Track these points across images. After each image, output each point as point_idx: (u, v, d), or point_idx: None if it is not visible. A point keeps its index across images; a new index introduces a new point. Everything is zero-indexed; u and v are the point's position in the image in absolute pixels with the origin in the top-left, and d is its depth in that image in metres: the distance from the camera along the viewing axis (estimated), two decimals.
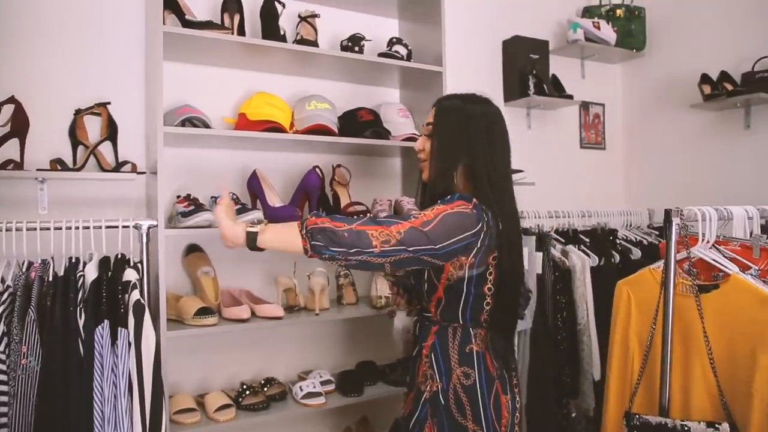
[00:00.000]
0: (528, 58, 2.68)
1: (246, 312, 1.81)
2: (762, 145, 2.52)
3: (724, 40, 2.65)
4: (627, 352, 1.58)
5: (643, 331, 1.55)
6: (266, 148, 2.12)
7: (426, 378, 1.34)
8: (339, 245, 1.17)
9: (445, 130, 1.36)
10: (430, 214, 1.22)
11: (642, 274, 1.57)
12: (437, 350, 1.33)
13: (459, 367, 1.30)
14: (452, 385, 1.29)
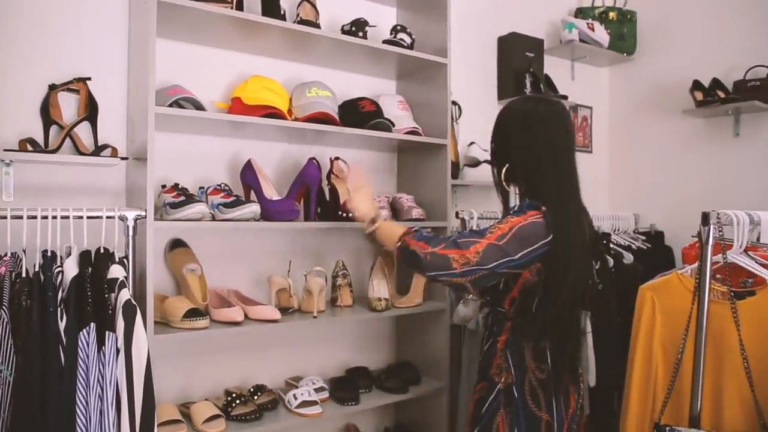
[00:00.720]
0: (524, 55, 2.62)
1: (239, 314, 1.65)
2: (751, 153, 2.55)
3: (715, 48, 2.67)
4: (650, 360, 1.52)
5: (668, 339, 1.50)
6: (259, 136, 1.96)
7: (500, 370, 1.37)
8: (421, 267, 1.32)
9: (493, 134, 1.45)
10: (505, 227, 1.27)
11: (668, 279, 1.51)
12: (512, 346, 1.36)
13: (534, 362, 1.34)
14: (528, 379, 1.34)
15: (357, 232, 2.24)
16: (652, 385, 1.51)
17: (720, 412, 1.38)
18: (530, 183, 1.36)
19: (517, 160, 1.37)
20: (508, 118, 1.41)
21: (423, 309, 2.04)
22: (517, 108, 1.40)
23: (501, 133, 1.42)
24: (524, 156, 1.35)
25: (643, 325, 1.53)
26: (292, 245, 2.07)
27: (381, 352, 2.32)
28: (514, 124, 1.38)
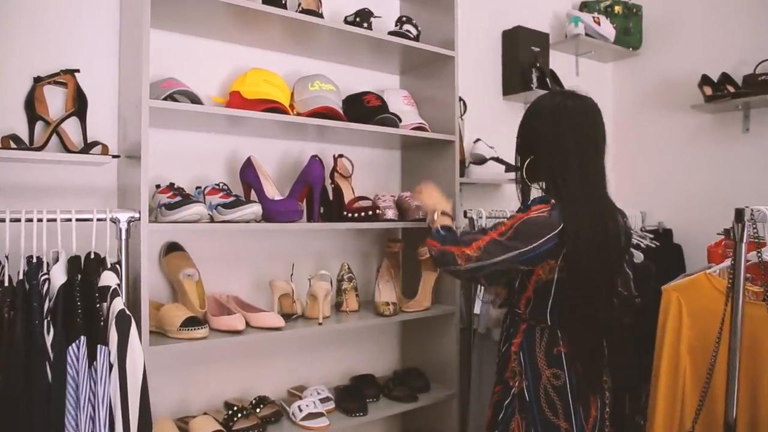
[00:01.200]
0: (529, 50, 2.54)
1: (241, 322, 1.55)
2: (761, 149, 2.48)
3: (722, 43, 2.61)
4: (677, 365, 1.44)
5: (697, 342, 1.42)
6: (258, 133, 1.86)
7: (514, 374, 1.36)
8: (433, 263, 1.50)
9: (520, 128, 1.43)
10: (508, 223, 1.29)
11: (695, 279, 1.43)
12: (524, 350, 1.34)
13: (548, 368, 1.32)
14: (542, 386, 1.32)
15: (362, 233, 2.15)
16: (680, 390, 1.43)
17: (757, 419, 1.30)
18: (554, 178, 1.33)
19: (543, 154, 1.34)
20: (535, 112, 1.39)
21: (432, 313, 1.95)
22: (545, 102, 1.39)
23: (528, 126, 1.41)
24: (551, 151, 1.33)
25: (669, 327, 1.45)
26: (295, 247, 1.97)
27: (386, 358, 2.22)
28: (541, 118, 1.36)
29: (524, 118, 1.42)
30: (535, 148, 1.35)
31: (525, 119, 1.42)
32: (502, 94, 2.60)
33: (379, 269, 2.01)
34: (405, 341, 2.23)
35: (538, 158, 1.35)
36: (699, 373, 1.41)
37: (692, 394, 1.41)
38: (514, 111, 2.66)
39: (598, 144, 1.35)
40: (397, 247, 2.03)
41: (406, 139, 2.04)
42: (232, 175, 1.82)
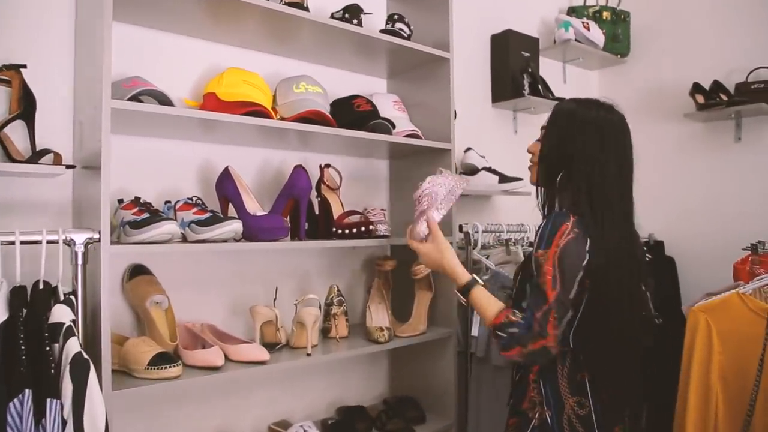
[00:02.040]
0: (520, 55, 2.42)
1: (219, 357, 1.35)
2: (753, 158, 2.43)
3: (712, 50, 2.55)
4: (708, 394, 1.31)
5: (730, 369, 1.29)
6: (235, 140, 1.66)
7: (534, 404, 1.24)
8: (525, 361, 1.20)
9: (553, 133, 1.29)
10: (549, 268, 1.15)
11: (727, 299, 1.31)
12: (545, 376, 1.23)
13: (571, 396, 1.21)
14: (566, 416, 1.21)
15: (350, 251, 1.97)
16: (712, 418, 1.30)
17: None
18: (589, 193, 1.21)
19: (582, 168, 1.22)
20: (575, 123, 1.26)
21: (428, 337, 1.78)
22: (588, 114, 1.26)
23: (566, 138, 1.26)
24: (592, 165, 1.21)
25: (698, 353, 1.33)
26: (276, 269, 1.77)
27: (375, 386, 2.04)
28: (585, 130, 1.24)
29: (561, 129, 1.28)
30: (572, 161, 1.23)
31: (563, 129, 1.27)
32: (492, 100, 2.47)
33: (369, 290, 1.83)
34: (395, 367, 2.06)
35: (572, 171, 1.23)
36: (732, 402, 1.29)
37: (725, 422, 1.29)
38: (503, 119, 2.54)
39: (632, 162, 1.28)
40: (389, 265, 1.86)
41: (395, 148, 1.88)
42: (206, 188, 1.62)
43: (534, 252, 1.19)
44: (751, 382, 1.22)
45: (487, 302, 1.24)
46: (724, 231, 2.47)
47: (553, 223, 1.19)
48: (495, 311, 1.21)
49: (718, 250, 2.45)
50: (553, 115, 1.31)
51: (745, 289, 1.30)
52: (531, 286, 1.18)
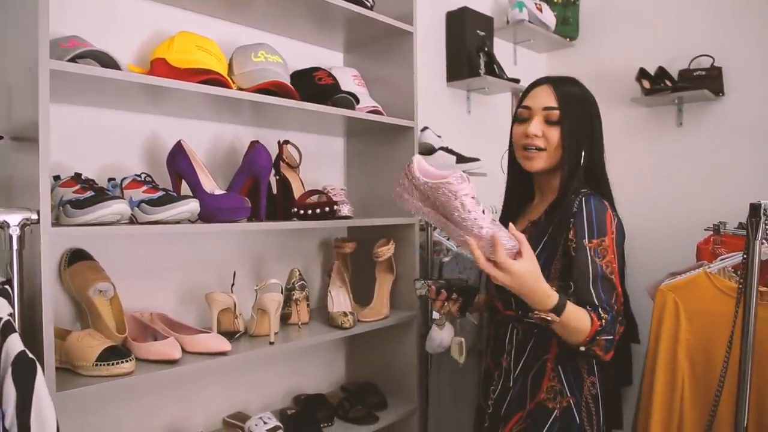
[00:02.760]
0: (475, 34, 2.38)
1: (176, 349, 1.23)
2: (694, 143, 2.53)
3: (657, 37, 2.62)
4: (675, 372, 1.34)
5: (697, 347, 1.32)
6: (185, 112, 1.52)
7: (555, 393, 1.19)
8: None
9: (573, 116, 1.22)
10: (612, 256, 1.13)
11: (694, 278, 1.33)
12: (564, 361, 1.19)
13: (588, 377, 1.20)
14: (584, 398, 1.19)
15: (309, 233, 1.88)
16: (678, 400, 1.33)
17: (763, 429, 1.22)
18: (594, 172, 1.25)
19: (595, 146, 1.25)
20: (590, 104, 1.25)
21: (391, 321, 1.73)
22: (590, 94, 1.27)
23: (587, 115, 1.24)
24: (599, 142, 1.26)
25: (666, 331, 1.35)
26: (231, 252, 1.66)
27: (333, 373, 1.97)
28: (597, 112, 1.25)
29: (579, 111, 1.22)
30: (590, 144, 1.23)
31: (581, 112, 1.23)
32: (447, 79, 2.43)
33: (329, 274, 1.76)
34: (354, 353, 2.00)
35: (587, 154, 1.23)
36: (698, 380, 1.32)
37: (692, 402, 1.32)
38: (457, 98, 2.50)
39: None
40: (349, 247, 1.78)
41: (353, 125, 1.79)
42: (153, 165, 1.48)
43: (584, 240, 1.13)
44: (717, 360, 1.25)
45: (578, 312, 1.08)
46: (667, 213, 2.57)
47: (597, 209, 1.16)
48: (587, 317, 1.08)
49: (660, 231, 2.56)
50: (566, 96, 1.23)
51: (712, 268, 1.32)
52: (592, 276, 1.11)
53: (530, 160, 1.24)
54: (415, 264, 1.80)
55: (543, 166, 1.24)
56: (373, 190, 1.91)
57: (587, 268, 1.11)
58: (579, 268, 1.13)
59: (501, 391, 1.28)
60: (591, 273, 1.11)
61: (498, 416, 1.26)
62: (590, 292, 1.11)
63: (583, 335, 1.07)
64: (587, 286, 1.11)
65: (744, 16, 2.37)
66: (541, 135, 1.22)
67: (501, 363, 1.29)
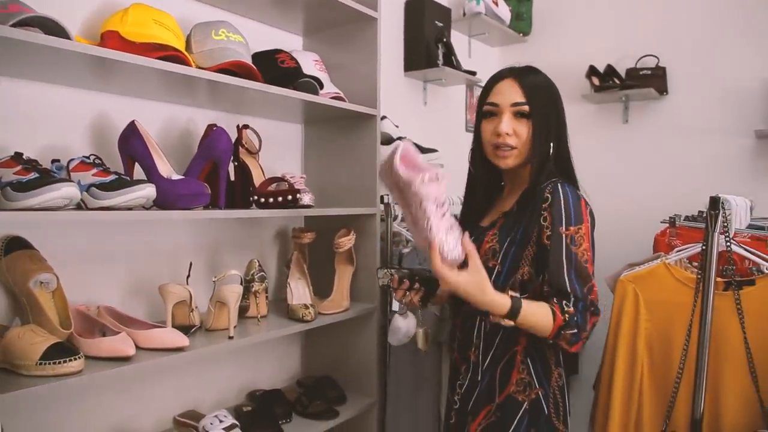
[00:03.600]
0: (433, 24, 2.37)
1: (129, 345, 1.14)
2: (638, 139, 2.63)
3: (607, 35, 2.70)
4: (635, 360, 1.38)
5: (655, 335, 1.36)
6: (137, 91, 1.42)
7: (524, 386, 1.19)
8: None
9: (541, 109, 1.21)
10: (587, 245, 1.14)
11: (654, 269, 1.37)
12: (533, 353, 1.19)
13: (556, 368, 1.21)
14: (552, 389, 1.20)
15: (266, 222, 1.81)
16: (637, 388, 1.37)
17: (719, 412, 1.27)
18: (563, 160, 1.25)
19: (563, 135, 1.24)
20: (555, 94, 1.24)
21: (351, 313, 1.69)
22: (549, 79, 1.25)
23: (556, 107, 1.23)
24: (564, 134, 1.25)
25: (626, 322, 1.39)
26: (185, 241, 1.57)
27: (287, 368, 1.92)
28: (560, 97, 1.25)
29: (547, 103, 1.21)
30: (557, 130, 1.22)
31: (549, 104, 1.22)
32: (404, 69, 2.40)
33: (288, 265, 1.70)
34: (310, 346, 1.94)
35: (556, 144, 1.22)
36: (656, 367, 1.37)
37: (650, 388, 1.36)
38: (414, 88, 2.48)
39: None
40: (308, 237, 1.73)
41: (312, 112, 1.74)
42: (101, 147, 1.37)
43: (560, 228, 1.12)
44: (674, 348, 1.30)
45: (537, 311, 1.09)
46: (613, 207, 2.65)
47: (573, 196, 1.15)
48: (549, 313, 1.08)
49: (607, 225, 2.65)
50: (533, 88, 1.21)
51: (670, 259, 1.37)
52: (566, 264, 1.10)
53: (503, 159, 1.22)
54: (375, 255, 1.77)
55: (516, 163, 1.22)
56: (331, 179, 1.86)
57: (562, 257, 1.11)
58: (554, 256, 1.12)
59: (469, 386, 1.26)
60: (565, 261, 1.10)
61: (465, 411, 1.25)
62: (564, 281, 1.10)
63: (547, 331, 1.08)
64: (561, 274, 1.10)
65: (687, 19, 2.48)
66: (512, 133, 1.20)
67: (469, 357, 1.27)
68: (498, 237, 1.22)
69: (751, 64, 2.33)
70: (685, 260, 1.39)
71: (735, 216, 1.26)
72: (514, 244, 1.19)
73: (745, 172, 2.35)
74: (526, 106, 1.19)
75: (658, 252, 1.51)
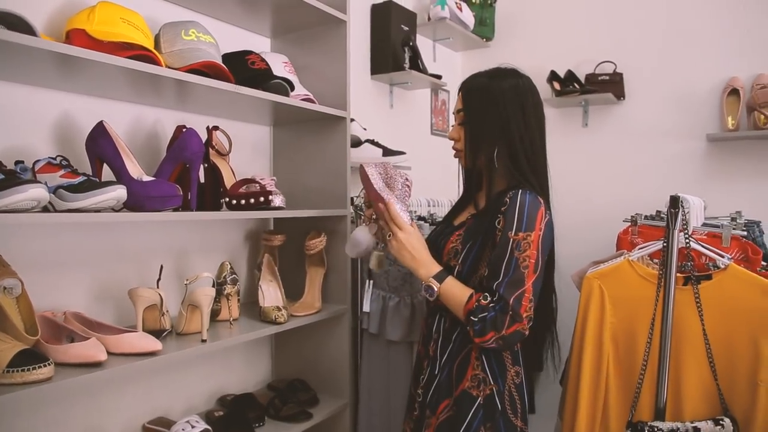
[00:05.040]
0: (400, 28, 2.40)
1: (100, 350, 1.11)
2: (598, 142, 2.72)
3: (566, 41, 2.78)
4: (601, 355, 1.42)
5: (620, 330, 1.42)
6: (103, 91, 1.39)
7: (478, 382, 1.22)
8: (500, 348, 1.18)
9: (476, 113, 1.26)
10: (533, 252, 1.13)
11: (618, 266, 1.43)
12: (488, 351, 1.20)
13: (513, 366, 1.24)
14: (507, 386, 1.23)
15: (236, 224, 1.79)
16: (603, 380, 1.42)
17: (680, 401, 1.33)
18: (520, 164, 1.23)
19: (514, 140, 1.22)
20: (495, 96, 1.22)
21: (323, 315, 1.69)
22: (502, 83, 1.24)
23: (489, 113, 1.23)
24: (522, 136, 1.22)
25: (592, 317, 1.43)
26: (153, 244, 1.54)
27: (257, 371, 1.90)
28: (507, 102, 1.22)
29: (481, 105, 1.24)
30: (501, 135, 1.22)
31: (483, 105, 1.24)
32: (371, 72, 2.42)
33: (259, 267, 1.68)
34: (280, 349, 1.93)
35: (503, 146, 1.23)
36: (621, 361, 1.42)
37: (616, 383, 1.41)
38: (381, 92, 2.50)
39: (541, 119, 1.31)
40: (278, 240, 1.72)
41: (281, 114, 1.73)
42: (67, 148, 1.33)
43: (510, 232, 1.13)
44: (638, 341, 1.35)
45: (459, 289, 1.17)
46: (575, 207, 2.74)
47: (530, 204, 1.15)
48: (466, 297, 1.14)
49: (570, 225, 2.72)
50: (468, 94, 1.27)
51: (633, 256, 1.42)
52: (504, 266, 1.12)
53: (459, 160, 1.35)
54: (346, 257, 1.77)
55: (467, 164, 1.32)
56: (301, 181, 1.85)
57: (503, 259, 1.12)
58: (495, 255, 1.14)
59: (428, 379, 1.30)
60: (504, 264, 1.12)
61: (425, 404, 1.29)
62: (492, 278, 1.12)
63: (459, 311, 1.15)
64: (497, 274, 1.12)
65: (642, 26, 2.58)
66: (459, 138, 1.31)
67: (429, 351, 1.32)
68: (462, 237, 1.25)
69: (703, 70, 2.44)
70: (646, 257, 1.45)
71: (692, 214, 1.33)
72: (475, 245, 1.22)
73: (697, 173, 2.46)
74: (462, 113, 1.29)
75: (621, 250, 1.57)
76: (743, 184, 2.36)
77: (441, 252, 1.28)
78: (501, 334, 1.09)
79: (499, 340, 1.10)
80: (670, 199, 1.27)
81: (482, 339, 1.11)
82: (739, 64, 2.37)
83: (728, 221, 1.59)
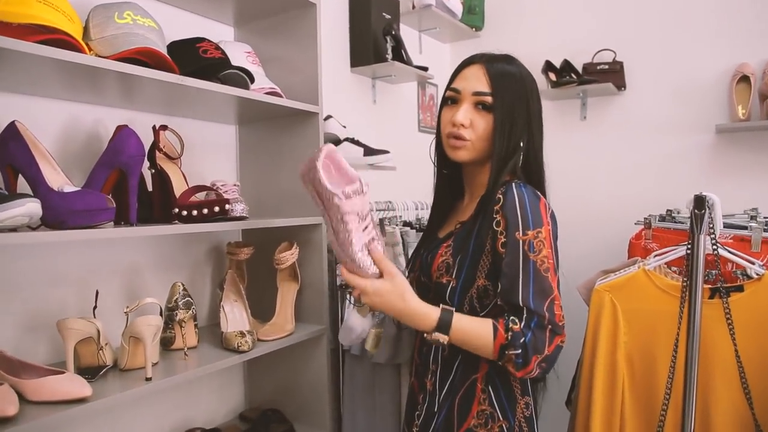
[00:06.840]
0: (381, 17, 2.20)
1: (10, 402, 0.91)
2: (597, 136, 2.53)
3: (561, 30, 2.60)
4: (615, 376, 1.24)
5: (636, 348, 1.23)
6: (28, 87, 1.18)
7: (486, 418, 1.03)
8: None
9: (508, 101, 1.06)
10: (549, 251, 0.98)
11: (632, 277, 1.24)
12: (495, 380, 1.04)
13: (522, 397, 1.06)
14: (517, 421, 1.05)
15: (195, 237, 1.59)
16: (618, 407, 1.23)
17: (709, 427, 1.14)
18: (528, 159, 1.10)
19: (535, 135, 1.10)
20: (532, 84, 1.10)
21: (297, 338, 1.49)
22: (528, 72, 1.11)
23: (525, 101, 1.07)
24: (539, 130, 1.11)
25: (604, 334, 1.24)
26: (93, 265, 1.33)
27: (228, 400, 1.70)
28: (536, 93, 1.11)
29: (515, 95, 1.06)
30: (527, 128, 1.08)
31: (518, 96, 1.06)
32: (350, 65, 2.22)
33: (221, 286, 1.48)
34: (253, 375, 1.73)
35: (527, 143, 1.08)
36: (638, 385, 1.23)
37: (633, 411, 1.22)
38: (362, 85, 2.30)
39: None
40: (245, 253, 1.52)
41: (247, 110, 1.53)
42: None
43: (517, 233, 0.97)
44: (658, 362, 1.17)
45: (475, 327, 0.96)
46: (574, 208, 2.55)
47: (530, 197, 1.00)
48: (490, 331, 0.94)
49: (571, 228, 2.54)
50: (501, 77, 1.07)
51: (649, 265, 1.23)
52: (521, 275, 0.95)
53: (455, 150, 1.09)
54: (322, 270, 1.58)
55: (469, 157, 1.09)
56: (270, 185, 1.65)
57: (517, 265, 0.96)
58: (508, 264, 0.97)
59: (425, 417, 1.10)
60: (522, 272, 0.95)
61: None
62: (517, 294, 0.95)
63: (488, 351, 0.95)
64: (516, 286, 0.95)
65: (642, 12, 2.39)
66: (469, 125, 1.07)
67: (426, 384, 1.12)
68: (452, 249, 1.07)
69: (710, 57, 2.26)
70: (664, 266, 1.26)
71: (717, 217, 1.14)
72: (468, 255, 1.04)
73: (705, 167, 2.27)
74: (489, 97, 1.06)
75: (634, 257, 1.38)
76: (757, 179, 2.17)
77: (429, 269, 1.09)
78: (544, 354, 0.93)
79: (542, 363, 0.93)
80: (695, 198, 1.08)
81: (527, 370, 0.94)
82: (748, 49, 2.19)
83: (753, 222, 1.40)
